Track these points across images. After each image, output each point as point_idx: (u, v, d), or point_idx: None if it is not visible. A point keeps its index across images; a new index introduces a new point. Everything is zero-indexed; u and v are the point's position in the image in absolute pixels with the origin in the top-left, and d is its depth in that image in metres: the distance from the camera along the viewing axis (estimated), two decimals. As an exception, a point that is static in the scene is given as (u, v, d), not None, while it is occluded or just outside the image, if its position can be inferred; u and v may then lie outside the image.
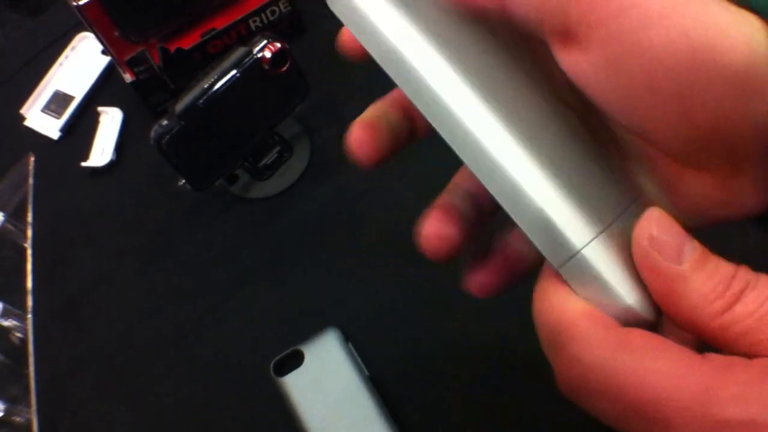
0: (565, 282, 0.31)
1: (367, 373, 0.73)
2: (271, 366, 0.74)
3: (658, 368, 0.26)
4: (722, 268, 0.27)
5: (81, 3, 0.80)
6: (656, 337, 0.28)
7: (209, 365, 0.78)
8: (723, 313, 0.27)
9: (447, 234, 0.39)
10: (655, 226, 0.28)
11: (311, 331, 0.75)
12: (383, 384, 0.73)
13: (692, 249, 0.28)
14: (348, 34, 0.38)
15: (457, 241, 0.39)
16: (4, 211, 0.91)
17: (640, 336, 0.28)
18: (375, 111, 0.40)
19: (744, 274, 0.27)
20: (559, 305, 0.32)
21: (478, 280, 0.42)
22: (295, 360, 0.74)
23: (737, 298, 0.27)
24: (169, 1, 0.85)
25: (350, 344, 0.74)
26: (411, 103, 0.31)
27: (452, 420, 0.72)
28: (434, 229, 0.39)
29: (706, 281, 0.27)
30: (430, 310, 0.76)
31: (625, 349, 0.28)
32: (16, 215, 0.91)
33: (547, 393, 0.71)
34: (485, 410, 0.71)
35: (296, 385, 0.73)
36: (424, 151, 0.40)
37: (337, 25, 1.02)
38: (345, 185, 0.85)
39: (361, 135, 0.39)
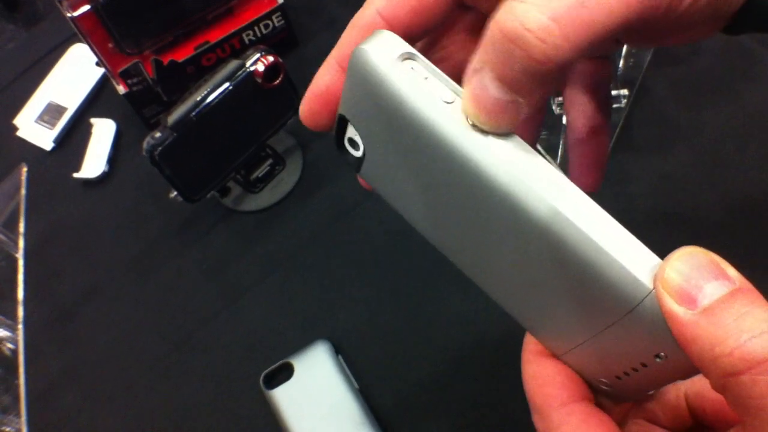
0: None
1: (356, 385, 0.73)
2: (261, 378, 0.74)
3: None
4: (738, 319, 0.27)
5: (76, 14, 0.81)
6: None
7: (199, 377, 0.78)
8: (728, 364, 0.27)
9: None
10: (675, 269, 0.28)
11: (301, 343, 0.75)
12: (373, 397, 0.73)
13: (709, 293, 0.28)
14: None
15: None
16: (-5, 222, 0.91)
17: None
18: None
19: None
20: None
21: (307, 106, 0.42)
22: (284, 372, 0.74)
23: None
24: (163, 13, 0.86)
25: (340, 357, 0.75)
26: None
27: (441, 433, 0.72)
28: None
29: (715, 330, 0.27)
30: (419, 323, 0.76)
31: None
32: (8, 226, 0.91)
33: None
34: (474, 424, 0.72)
35: (286, 397, 0.73)
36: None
37: (329, 39, 1.03)
38: (336, 198, 0.85)
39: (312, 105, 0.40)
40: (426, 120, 0.31)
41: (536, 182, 0.29)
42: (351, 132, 0.37)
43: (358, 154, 0.37)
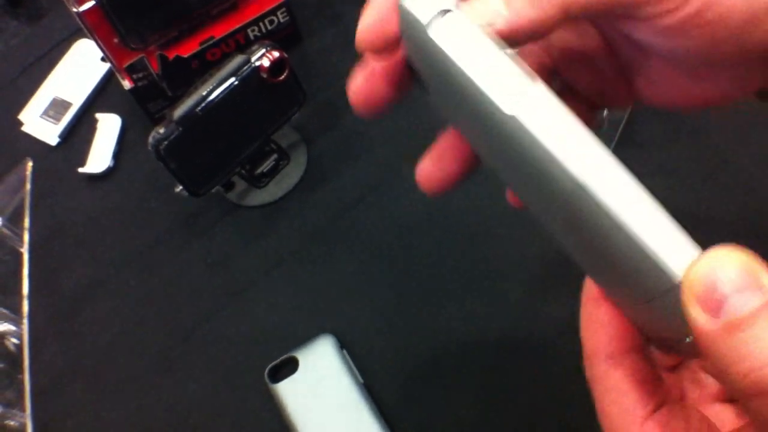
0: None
1: (361, 380, 0.73)
2: (266, 372, 0.74)
3: None
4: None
5: (81, 9, 0.81)
6: None
7: (205, 371, 0.78)
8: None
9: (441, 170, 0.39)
10: (702, 272, 0.27)
11: (306, 337, 0.76)
12: (377, 391, 0.73)
13: (734, 306, 0.26)
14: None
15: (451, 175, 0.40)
16: (1, 216, 0.91)
17: None
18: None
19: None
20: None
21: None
22: (289, 366, 0.75)
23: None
24: (168, 8, 0.86)
25: (345, 351, 0.75)
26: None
27: (446, 428, 0.72)
28: (428, 169, 0.40)
29: (733, 348, 0.26)
30: (424, 317, 0.77)
31: None
32: (13, 220, 0.91)
33: (542, 402, 0.72)
34: (479, 419, 0.72)
35: (291, 391, 0.73)
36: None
37: (333, 34, 1.03)
38: (341, 193, 0.86)
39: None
40: (466, 85, 0.30)
41: (575, 159, 0.28)
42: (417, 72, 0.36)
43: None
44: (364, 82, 0.36)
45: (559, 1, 0.32)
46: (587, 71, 0.41)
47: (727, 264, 0.26)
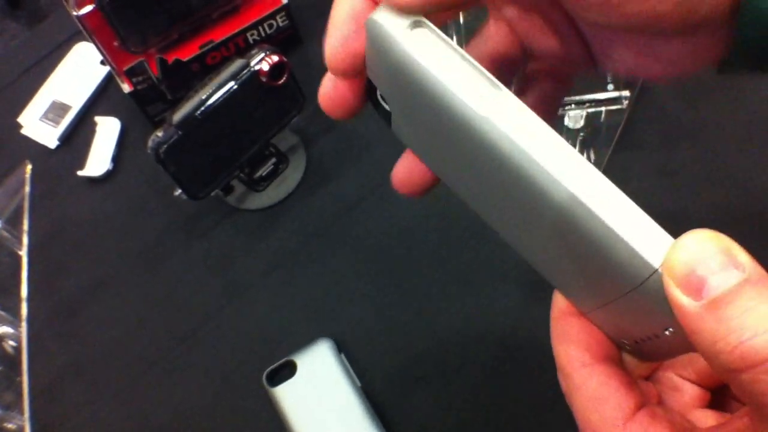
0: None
1: (359, 384, 0.73)
2: (264, 376, 0.75)
3: None
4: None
5: (81, 13, 0.81)
6: None
7: (203, 374, 0.78)
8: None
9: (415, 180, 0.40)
10: (681, 256, 0.28)
11: (304, 341, 0.76)
12: (374, 394, 0.73)
13: (715, 285, 0.27)
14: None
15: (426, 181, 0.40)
16: (0, 219, 0.91)
17: None
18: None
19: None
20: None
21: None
22: (287, 370, 0.75)
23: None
24: (168, 12, 0.86)
25: (343, 355, 0.75)
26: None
27: None
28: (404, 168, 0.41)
29: (718, 325, 0.27)
30: (422, 321, 0.77)
31: None
32: (12, 223, 0.91)
33: (540, 405, 0.72)
34: (477, 422, 0.72)
35: (288, 395, 0.73)
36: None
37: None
38: (340, 196, 0.86)
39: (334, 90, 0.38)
40: (439, 91, 0.31)
41: (545, 157, 0.29)
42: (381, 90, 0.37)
43: (389, 109, 0.38)
44: (332, 89, 0.38)
45: None
46: (553, 43, 0.41)
47: (705, 245, 0.27)
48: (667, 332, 0.31)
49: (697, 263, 0.27)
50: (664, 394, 0.40)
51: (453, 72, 0.31)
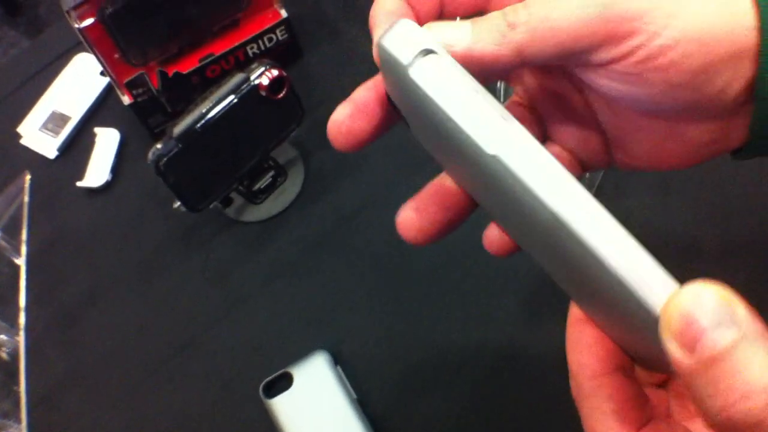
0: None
1: (354, 396, 0.74)
2: (261, 387, 0.75)
3: None
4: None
5: (83, 25, 0.82)
6: None
7: (200, 385, 0.79)
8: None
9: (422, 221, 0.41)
10: (679, 309, 0.28)
11: (301, 353, 0.76)
12: (370, 407, 0.74)
13: (710, 343, 0.27)
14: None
15: (432, 229, 0.41)
16: (-1, 228, 0.92)
17: None
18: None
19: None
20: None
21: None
22: (284, 382, 0.75)
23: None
24: (169, 25, 0.87)
25: (339, 367, 0.76)
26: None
27: (438, 444, 0.73)
28: (408, 219, 0.41)
29: (709, 384, 0.27)
30: (419, 333, 0.78)
31: None
32: (11, 232, 0.92)
33: (536, 417, 0.73)
34: (471, 435, 0.73)
35: (285, 407, 0.74)
36: (415, 176, 0.41)
37: (332, 51, 1.03)
38: (337, 210, 0.86)
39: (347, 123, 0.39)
40: (448, 125, 0.31)
41: (554, 201, 0.29)
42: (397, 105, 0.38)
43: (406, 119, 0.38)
44: (348, 121, 0.38)
45: (514, 43, 0.34)
46: (572, 130, 0.43)
47: (703, 299, 0.27)
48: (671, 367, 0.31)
49: (693, 318, 0.27)
50: (673, 404, 0.40)
51: (461, 105, 0.31)
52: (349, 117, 0.38)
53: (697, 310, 0.27)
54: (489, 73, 0.36)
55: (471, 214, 0.41)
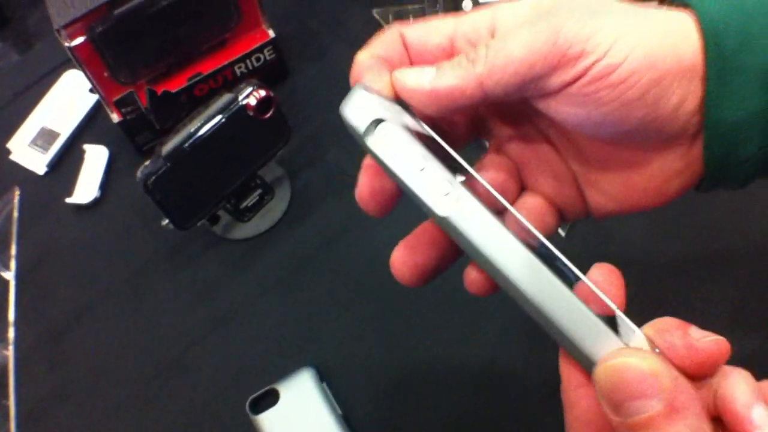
0: None
1: (340, 412, 0.75)
2: (247, 404, 0.76)
3: None
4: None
5: (73, 44, 0.83)
6: None
7: (187, 401, 0.80)
8: None
9: (414, 261, 0.42)
10: (606, 376, 0.31)
11: (287, 369, 0.78)
12: (355, 423, 0.75)
13: (633, 411, 0.30)
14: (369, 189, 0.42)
15: (425, 268, 0.42)
16: (-13, 243, 0.93)
17: None
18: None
19: None
20: None
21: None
22: (270, 398, 0.76)
23: None
24: (158, 45, 0.88)
25: (324, 384, 0.77)
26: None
27: (421, 460, 0.74)
28: (401, 256, 0.43)
29: None
30: (404, 350, 0.79)
31: None
32: (0, 247, 0.93)
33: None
34: (453, 451, 0.74)
35: (271, 422, 0.75)
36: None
37: (319, 70, 1.04)
38: (324, 227, 0.88)
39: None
40: (405, 187, 0.36)
41: (501, 260, 0.34)
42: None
43: None
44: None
45: (475, 75, 0.37)
46: (546, 176, 0.45)
47: (632, 367, 0.30)
48: None
49: (619, 386, 0.30)
50: None
51: (412, 172, 0.35)
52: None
53: (624, 378, 0.30)
54: (456, 110, 0.39)
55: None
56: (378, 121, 0.35)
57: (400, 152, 0.35)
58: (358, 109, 0.36)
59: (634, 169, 0.41)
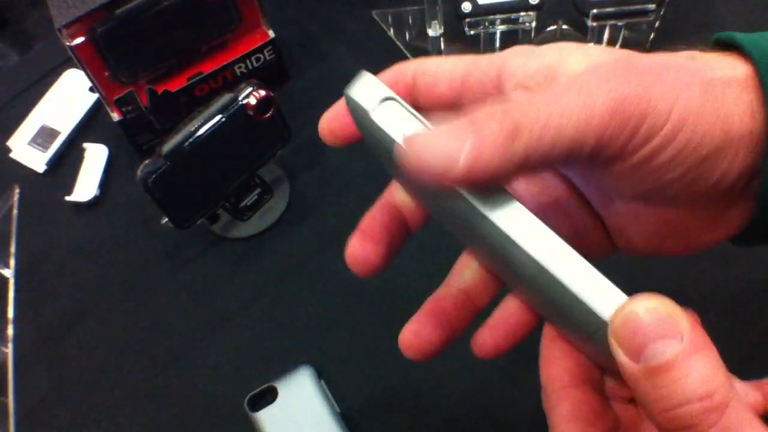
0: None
1: (338, 409, 0.75)
2: (246, 401, 0.77)
3: None
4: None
5: (74, 43, 0.83)
6: None
7: (186, 399, 0.80)
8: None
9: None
10: (625, 321, 0.30)
11: (285, 367, 0.78)
12: (353, 420, 0.76)
13: (652, 354, 0.29)
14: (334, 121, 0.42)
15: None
16: (-13, 241, 0.93)
17: None
18: (369, 220, 0.44)
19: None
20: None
21: (479, 342, 0.45)
22: (269, 396, 0.77)
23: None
24: (158, 45, 0.89)
25: (323, 381, 0.77)
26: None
27: (418, 457, 0.75)
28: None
29: (652, 391, 0.29)
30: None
31: None
32: (0, 245, 0.93)
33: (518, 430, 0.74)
34: (450, 449, 0.74)
35: (270, 420, 0.75)
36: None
37: (318, 72, 1.05)
38: (322, 227, 0.88)
39: (359, 247, 0.43)
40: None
41: (511, 231, 0.32)
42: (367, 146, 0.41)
43: None
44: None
45: (521, 153, 0.31)
46: (568, 226, 0.42)
47: (649, 310, 0.29)
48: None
49: (639, 330, 0.29)
50: (642, 419, 0.41)
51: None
52: (360, 245, 0.43)
53: (643, 322, 0.29)
54: (484, 185, 0.33)
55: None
56: (385, 99, 0.35)
57: (407, 126, 0.34)
58: (366, 88, 0.35)
59: (664, 225, 0.39)
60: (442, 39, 0.95)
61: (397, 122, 0.34)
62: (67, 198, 0.94)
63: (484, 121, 0.31)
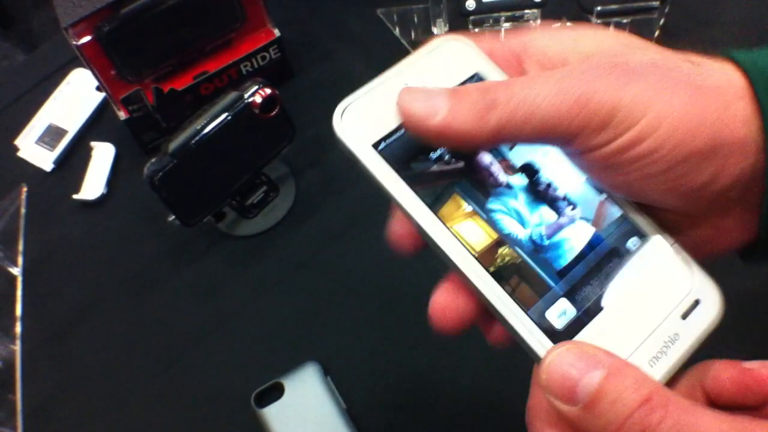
0: None
1: (344, 405, 0.76)
2: (252, 397, 0.77)
3: None
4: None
5: (80, 43, 0.84)
6: None
7: (192, 395, 0.81)
8: None
9: (455, 306, 0.44)
10: (551, 373, 0.33)
11: (292, 364, 0.78)
12: (359, 416, 0.76)
13: (584, 390, 0.32)
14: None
15: (464, 313, 0.44)
16: (-5, 240, 0.93)
17: None
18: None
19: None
20: None
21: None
22: (275, 392, 0.77)
23: None
24: (164, 44, 0.89)
25: (329, 378, 0.77)
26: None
27: (424, 453, 0.75)
28: (442, 300, 0.44)
29: (597, 421, 0.31)
30: (406, 346, 0.79)
31: None
32: (8, 244, 0.93)
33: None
34: (455, 444, 0.74)
35: (276, 416, 0.75)
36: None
37: (323, 71, 1.05)
38: (327, 225, 0.89)
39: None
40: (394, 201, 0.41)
41: (464, 265, 0.42)
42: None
43: None
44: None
45: (493, 123, 0.35)
46: None
47: (565, 359, 0.33)
48: None
49: (564, 376, 0.32)
50: None
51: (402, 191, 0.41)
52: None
53: (564, 369, 0.32)
54: (461, 147, 0.39)
55: None
56: (377, 143, 0.41)
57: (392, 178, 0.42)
58: (355, 130, 0.41)
59: (663, 225, 0.40)
60: (446, 37, 0.95)
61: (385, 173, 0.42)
62: (75, 196, 0.95)
63: (467, 92, 0.36)
